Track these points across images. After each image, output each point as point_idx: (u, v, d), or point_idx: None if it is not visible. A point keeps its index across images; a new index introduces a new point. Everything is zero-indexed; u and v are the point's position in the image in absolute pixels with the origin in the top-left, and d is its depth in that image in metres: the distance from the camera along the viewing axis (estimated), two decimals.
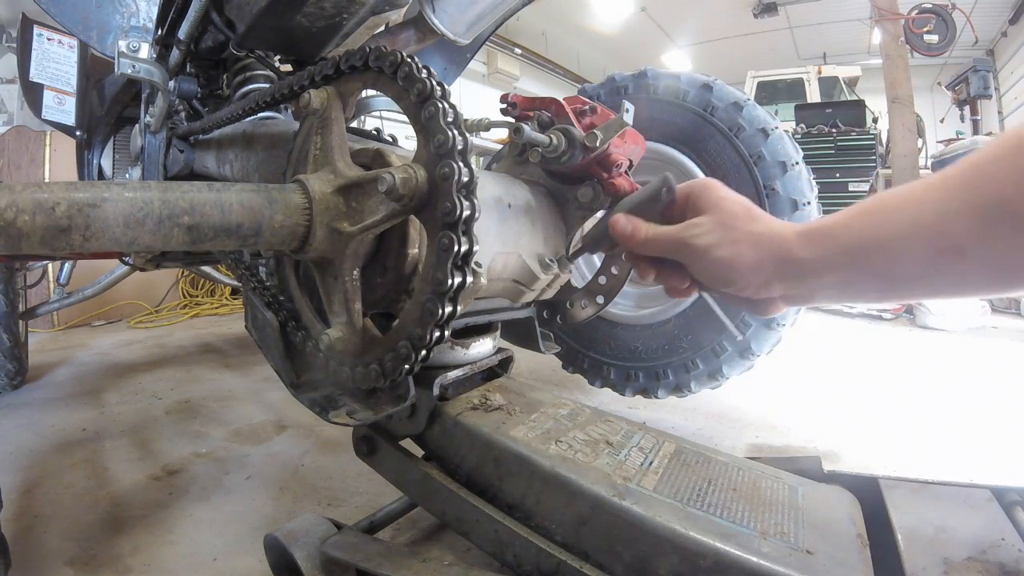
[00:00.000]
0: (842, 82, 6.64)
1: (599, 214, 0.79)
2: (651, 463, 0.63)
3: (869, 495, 0.65)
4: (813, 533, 0.54)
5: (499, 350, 0.84)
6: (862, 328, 3.08)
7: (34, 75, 1.61)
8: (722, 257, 0.51)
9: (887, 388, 1.87)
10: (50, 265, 2.58)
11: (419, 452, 0.72)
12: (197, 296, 3.47)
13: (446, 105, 0.54)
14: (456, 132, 0.53)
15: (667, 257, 0.55)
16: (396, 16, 0.92)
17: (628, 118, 0.70)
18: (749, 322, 1.19)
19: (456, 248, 0.52)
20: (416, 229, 0.61)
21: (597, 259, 1.49)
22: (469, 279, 0.53)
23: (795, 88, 6.64)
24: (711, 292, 0.56)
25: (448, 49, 1.37)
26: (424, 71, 0.56)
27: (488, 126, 0.80)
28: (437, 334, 0.55)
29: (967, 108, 4.90)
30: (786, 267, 0.48)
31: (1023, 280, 0.39)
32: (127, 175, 1.54)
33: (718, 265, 0.51)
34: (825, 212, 1.24)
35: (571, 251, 0.72)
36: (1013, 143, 0.37)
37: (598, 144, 0.69)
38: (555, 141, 0.70)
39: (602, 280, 0.89)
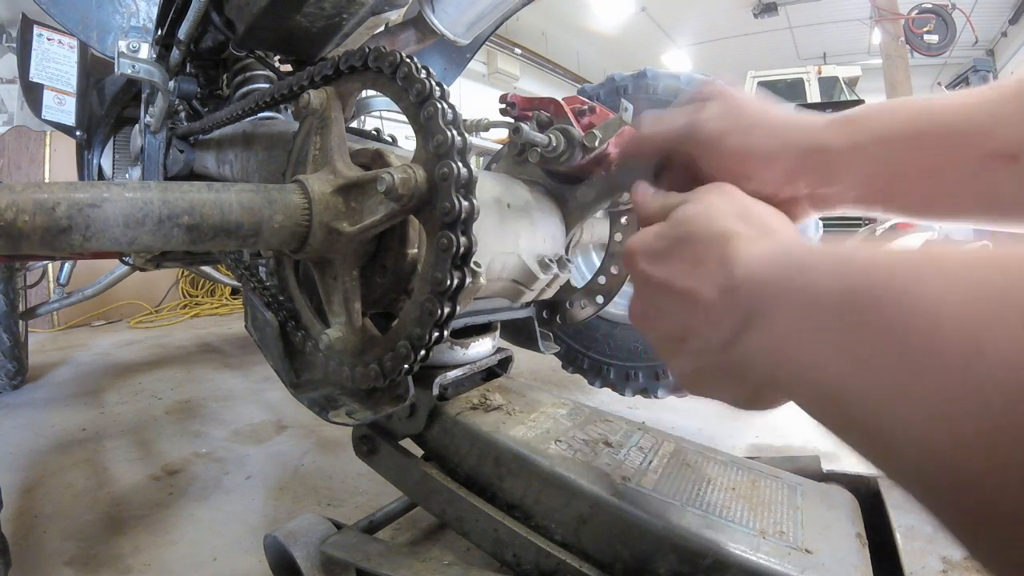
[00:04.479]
0: (842, 82, 6.64)
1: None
2: (650, 463, 0.63)
3: (868, 495, 0.65)
4: (812, 532, 0.54)
5: (499, 350, 0.84)
6: None
7: (34, 75, 1.61)
8: (733, 146, 0.44)
9: None
10: (50, 265, 2.58)
11: (419, 452, 0.72)
12: (197, 296, 3.47)
13: (445, 105, 0.54)
14: (455, 132, 0.53)
15: (673, 153, 0.49)
16: (396, 16, 0.92)
17: (627, 118, 0.70)
18: None
19: (455, 248, 0.52)
20: (415, 229, 0.61)
21: (597, 259, 1.49)
22: (468, 279, 0.53)
23: (795, 88, 6.63)
24: None
25: (448, 49, 1.37)
26: (423, 71, 0.56)
27: (487, 126, 0.80)
28: (436, 334, 0.55)
29: None
30: (813, 158, 0.42)
31: None
32: (127, 175, 1.54)
33: (731, 156, 0.44)
34: (822, 219, 1.24)
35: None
36: None
37: (597, 144, 0.69)
38: (554, 141, 0.70)
39: (602, 280, 0.89)
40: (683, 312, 0.37)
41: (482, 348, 0.78)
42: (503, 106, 0.77)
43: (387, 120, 4.03)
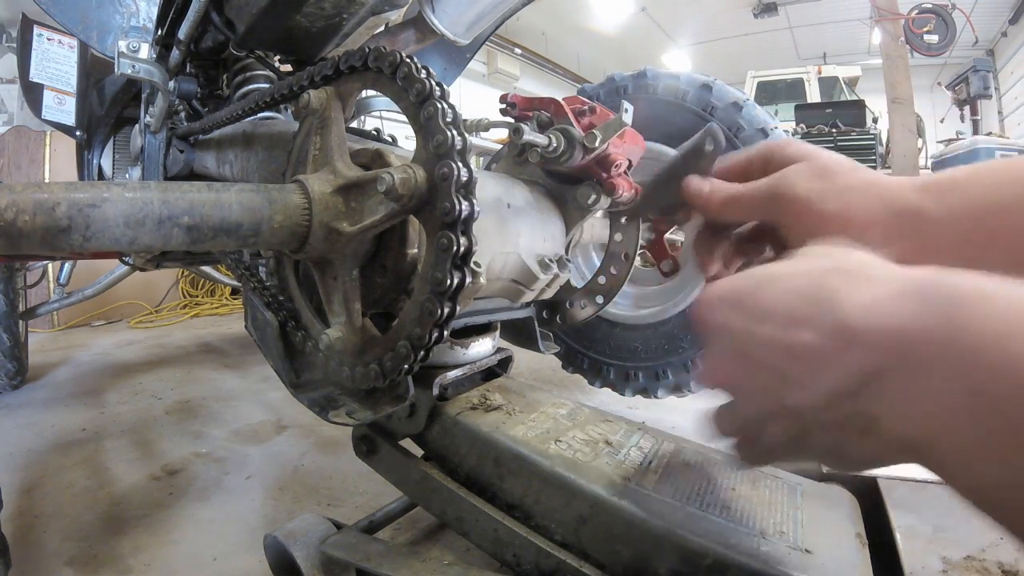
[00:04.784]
0: (842, 82, 6.64)
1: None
2: (651, 463, 0.63)
3: (868, 495, 0.65)
4: (812, 532, 0.54)
5: (499, 350, 0.84)
6: None
7: (34, 75, 1.61)
8: (830, 209, 0.41)
9: None
10: (50, 265, 2.58)
11: (419, 452, 0.72)
12: (197, 296, 3.47)
13: (445, 105, 0.54)
14: (455, 132, 0.53)
15: (752, 219, 0.46)
16: (396, 16, 0.92)
17: (627, 118, 0.70)
18: None
19: (455, 248, 0.52)
20: (415, 229, 0.61)
21: (597, 259, 1.49)
22: (468, 279, 0.53)
23: (795, 88, 6.64)
24: None
25: (448, 49, 1.37)
26: (423, 71, 0.56)
27: (487, 126, 0.80)
28: (436, 334, 0.55)
29: (967, 108, 4.91)
30: (909, 222, 0.40)
31: None
32: (127, 175, 1.54)
33: (825, 219, 0.41)
34: None
35: (628, 214, 0.59)
36: None
37: (597, 144, 0.69)
38: (554, 141, 0.70)
39: (601, 280, 0.89)
40: (783, 364, 0.31)
41: (482, 348, 0.78)
42: (503, 106, 0.77)
43: (387, 120, 4.03)
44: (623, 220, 0.88)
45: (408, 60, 0.56)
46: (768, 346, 0.32)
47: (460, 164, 0.52)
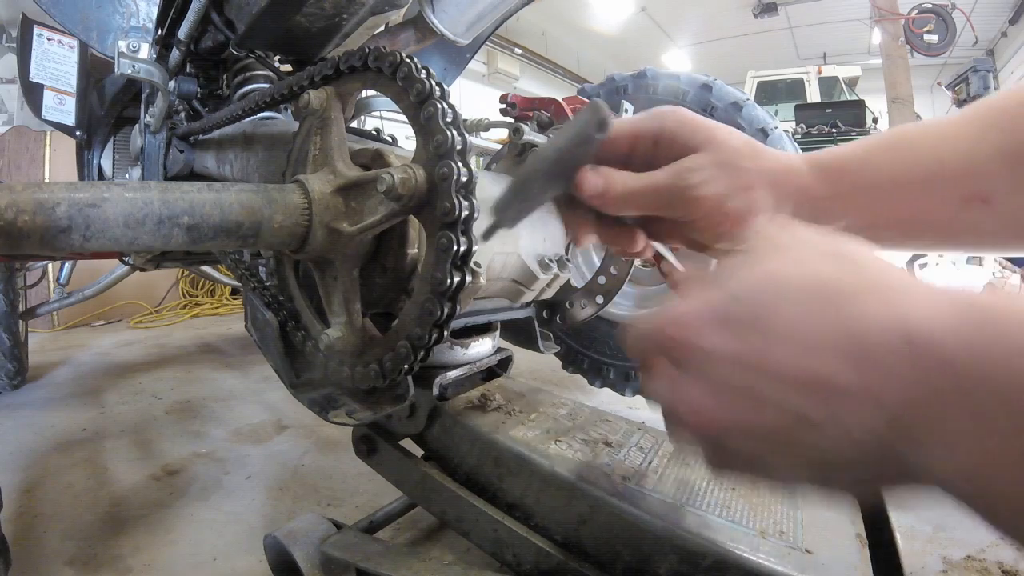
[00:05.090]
0: (842, 82, 6.64)
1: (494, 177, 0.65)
2: (650, 462, 0.63)
3: None
4: (812, 532, 0.54)
5: (499, 350, 0.84)
6: None
7: (34, 75, 1.61)
8: (735, 207, 0.39)
9: None
10: (50, 265, 2.58)
11: (419, 452, 0.72)
12: (197, 296, 3.47)
13: (445, 105, 0.54)
14: (455, 132, 0.53)
15: (651, 213, 0.42)
16: (396, 16, 0.92)
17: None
18: None
19: (455, 248, 0.52)
20: (415, 229, 0.61)
21: (597, 259, 1.49)
22: (468, 279, 0.53)
23: (795, 88, 6.64)
24: (707, 251, 0.44)
25: (448, 49, 1.37)
26: (423, 71, 0.56)
27: (487, 126, 0.80)
28: (436, 334, 0.55)
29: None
30: (801, 205, 0.40)
31: None
32: (127, 175, 1.54)
33: (728, 220, 0.40)
34: None
35: (485, 229, 0.47)
36: None
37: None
38: None
39: (601, 280, 0.89)
40: (800, 401, 0.25)
41: (482, 348, 0.78)
42: (503, 106, 0.77)
43: (387, 120, 4.03)
44: None
45: (408, 60, 0.56)
46: (781, 379, 0.26)
47: (460, 164, 0.52)
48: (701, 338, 0.28)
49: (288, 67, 1.03)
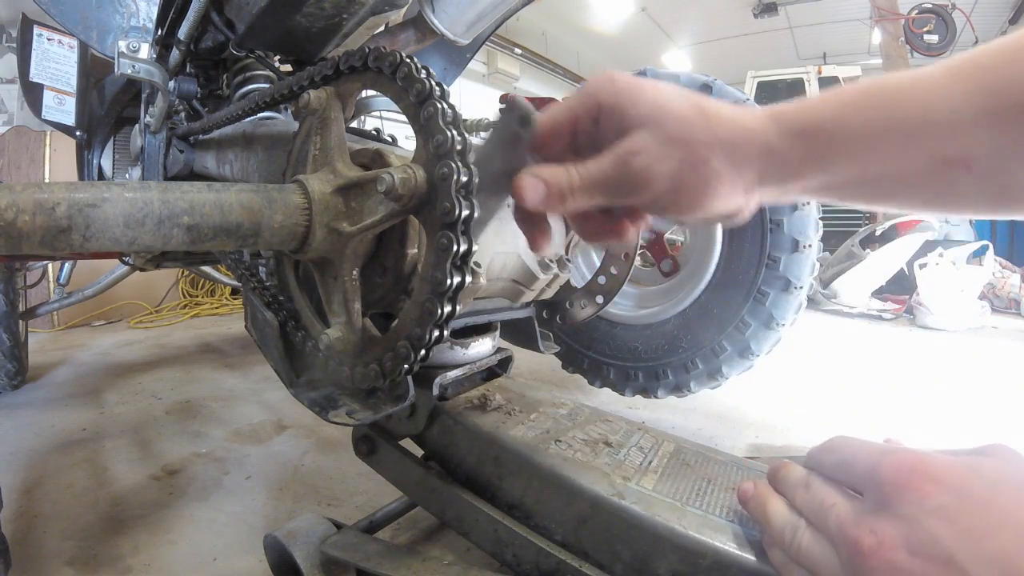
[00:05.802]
0: (842, 82, 6.64)
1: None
2: (650, 462, 0.63)
3: None
4: None
5: (499, 350, 0.84)
6: (862, 328, 3.08)
7: (34, 75, 1.61)
8: (691, 184, 0.37)
9: (887, 388, 1.87)
10: (50, 265, 2.58)
11: (419, 452, 0.72)
12: (197, 296, 3.47)
13: (445, 105, 0.54)
14: (455, 132, 0.53)
15: (602, 204, 0.40)
16: (396, 16, 0.92)
17: None
18: (748, 322, 1.19)
19: (455, 248, 0.52)
20: (415, 229, 0.61)
21: (597, 258, 1.49)
22: (468, 279, 0.53)
23: (795, 88, 6.63)
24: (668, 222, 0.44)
25: (448, 49, 1.37)
26: (423, 71, 0.56)
27: (488, 126, 0.80)
28: (436, 334, 0.55)
29: None
30: (767, 168, 0.38)
31: (1023, 204, 0.35)
32: (127, 175, 1.54)
33: (685, 197, 0.37)
34: (822, 219, 1.24)
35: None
36: None
37: None
38: None
39: (601, 280, 0.89)
40: None
41: (482, 348, 0.78)
42: (503, 106, 0.77)
43: (387, 120, 4.03)
44: None
45: (408, 60, 0.56)
46: (989, 566, 0.28)
47: (460, 164, 0.52)
48: (922, 496, 0.33)
49: (288, 67, 1.03)
